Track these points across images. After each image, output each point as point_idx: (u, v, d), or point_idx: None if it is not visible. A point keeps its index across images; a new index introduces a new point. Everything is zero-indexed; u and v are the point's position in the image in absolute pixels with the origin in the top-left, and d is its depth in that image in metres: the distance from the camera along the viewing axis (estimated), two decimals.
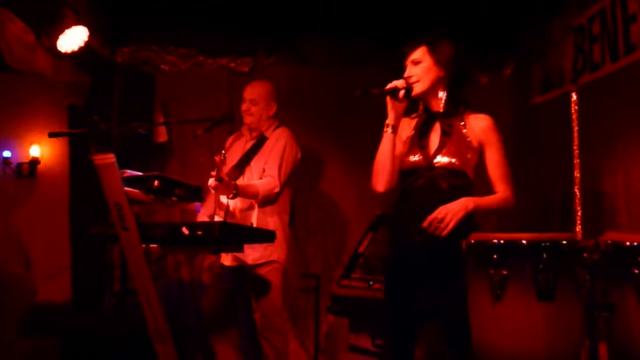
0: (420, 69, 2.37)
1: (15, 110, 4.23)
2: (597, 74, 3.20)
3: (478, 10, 3.75)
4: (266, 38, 4.18)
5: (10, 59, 3.42)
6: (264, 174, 3.22)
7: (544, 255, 1.92)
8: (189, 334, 3.85)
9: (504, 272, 1.93)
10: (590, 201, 2.26)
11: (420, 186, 2.36)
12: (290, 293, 4.13)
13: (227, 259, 3.29)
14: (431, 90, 2.40)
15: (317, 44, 4.22)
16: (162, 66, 4.16)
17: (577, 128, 2.21)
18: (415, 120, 2.49)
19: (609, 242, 1.92)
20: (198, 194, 2.89)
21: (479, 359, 2.04)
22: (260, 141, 3.31)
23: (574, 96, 2.24)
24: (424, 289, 2.30)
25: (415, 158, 2.39)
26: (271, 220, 3.23)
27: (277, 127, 3.37)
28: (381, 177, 2.40)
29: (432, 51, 2.37)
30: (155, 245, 2.82)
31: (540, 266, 1.90)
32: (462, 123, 2.38)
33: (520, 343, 1.92)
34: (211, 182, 2.98)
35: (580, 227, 2.10)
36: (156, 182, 2.68)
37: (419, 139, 2.41)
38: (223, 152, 2.95)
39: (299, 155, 3.37)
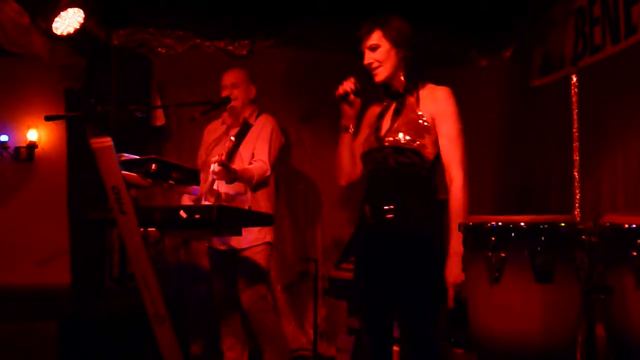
0: (379, 54, 2.29)
1: (11, 93, 4.21)
2: (597, 57, 3.18)
3: None
4: (264, 21, 4.13)
5: (5, 42, 3.39)
6: (253, 159, 3.27)
7: (542, 238, 1.91)
8: (189, 318, 3.87)
9: (502, 255, 1.92)
10: (589, 183, 2.25)
11: (372, 167, 2.35)
12: (289, 277, 4.15)
13: (220, 243, 3.32)
14: (395, 73, 2.32)
15: (315, 27, 4.18)
16: (159, 49, 4.12)
17: (576, 110, 2.20)
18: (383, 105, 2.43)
19: (608, 224, 1.91)
20: (196, 177, 2.88)
21: (477, 341, 2.05)
22: (245, 128, 3.35)
23: (574, 78, 2.22)
24: (382, 272, 2.29)
25: (369, 141, 2.37)
26: (262, 201, 3.29)
27: (260, 113, 3.42)
28: (340, 173, 2.49)
29: (387, 33, 2.28)
30: (154, 229, 2.82)
31: (539, 248, 1.90)
32: (416, 100, 2.29)
33: (517, 325, 1.92)
34: (214, 167, 2.98)
35: (578, 209, 2.10)
36: (153, 166, 2.66)
37: (376, 123, 2.38)
38: (232, 137, 2.99)
39: (283, 141, 3.48)
